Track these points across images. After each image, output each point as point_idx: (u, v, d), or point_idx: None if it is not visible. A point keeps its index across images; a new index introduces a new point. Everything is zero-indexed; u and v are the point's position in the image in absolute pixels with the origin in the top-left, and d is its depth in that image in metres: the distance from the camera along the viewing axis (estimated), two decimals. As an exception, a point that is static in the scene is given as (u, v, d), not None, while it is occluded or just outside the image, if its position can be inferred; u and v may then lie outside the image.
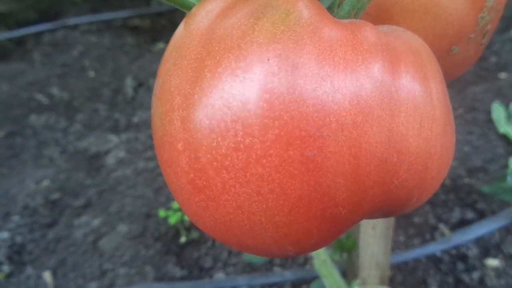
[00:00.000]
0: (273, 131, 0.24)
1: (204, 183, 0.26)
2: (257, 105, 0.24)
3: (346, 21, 0.28)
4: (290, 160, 0.24)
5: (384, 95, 0.25)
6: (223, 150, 0.24)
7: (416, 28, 0.36)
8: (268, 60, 0.24)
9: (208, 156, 0.25)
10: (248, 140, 0.24)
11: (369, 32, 0.26)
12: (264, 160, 0.24)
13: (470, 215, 1.17)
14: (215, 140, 0.24)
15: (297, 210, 0.25)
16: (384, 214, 0.31)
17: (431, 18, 0.36)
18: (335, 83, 0.24)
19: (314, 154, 0.24)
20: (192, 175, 0.26)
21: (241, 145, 0.24)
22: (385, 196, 0.27)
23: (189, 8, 0.31)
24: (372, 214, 0.29)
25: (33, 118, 1.71)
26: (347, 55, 0.25)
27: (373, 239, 0.77)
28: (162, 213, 1.16)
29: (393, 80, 0.26)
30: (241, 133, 0.24)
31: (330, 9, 0.31)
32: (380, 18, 0.36)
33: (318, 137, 0.24)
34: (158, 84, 0.29)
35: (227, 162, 0.25)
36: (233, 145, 0.24)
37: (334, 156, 0.24)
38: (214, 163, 0.25)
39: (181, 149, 0.26)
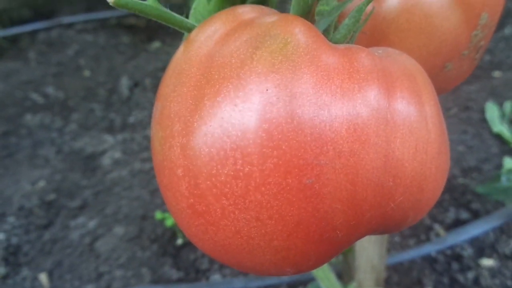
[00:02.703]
0: (272, 160, 0.24)
1: (204, 208, 0.26)
2: (256, 134, 0.24)
3: (342, 46, 0.28)
4: (288, 187, 0.24)
5: (380, 121, 0.26)
6: (222, 178, 0.25)
7: (411, 47, 0.36)
8: (267, 90, 0.24)
9: (208, 182, 0.25)
10: (247, 169, 0.24)
11: (365, 59, 0.27)
12: (263, 188, 0.24)
13: (464, 215, 1.18)
14: (215, 168, 0.25)
15: (295, 235, 0.26)
16: (380, 233, 0.31)
17: (425, 37, 0.36)
18: (332, 112, 0.25)
19: (312, 181, 0.24)
20: (191, 200, 0.26)
21: (240, 173, 0.24)
22: (381, 218, 0.28)
23: (188, 29, 0.32)
24: (368, 234, 0.30)
25: (28, 118, 1.71)
26: (344, 83, 0.25)
27: (369, 243, 0.77)
28: (158, 215, 1.17)
29: (389, 106, 0.26)
30: (240, 161, 0.24)
31: (326, 31, 0.31)
32: (375, 37, 0.37)
33: (315, 165, 0.24)
34: (158, 109, 0.29)
35: (227, 189, 0.25)
36: (232, 173, 0.25)
37: (331, 183, 0.25)
38: (214, 189, 0.25)
39: (181, 175, 0.26)
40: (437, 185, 0.29)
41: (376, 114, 0.26)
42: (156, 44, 2.20)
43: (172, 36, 2.26)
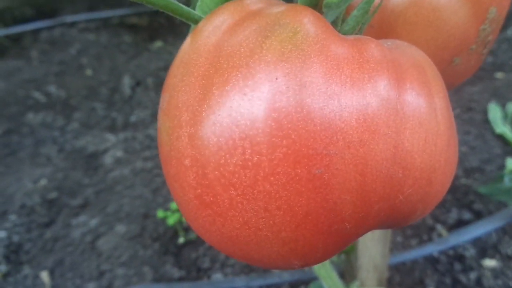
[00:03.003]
0: (281, 149, 0.24)
1: (212, 199, 0.26)
2: (265, 123, 0.24)
3: (351, 37, 0.28)
4: (297, 177, 0.24)
5: (390, 112, 0.25)
6: (231, 168, 0.25)
7: (419, 40, 0.36)
8: (277, 79, 0.24)
9: (216, 173, 0.25)
10: (256, 158, 0.24)
11: (374, 49, 0.27)
12: (272, 178, 0.24)
13: (467, 215, 1.17)
14: (223, 158, 0.25)
15: (304, 226, 0.26)
16: (388, 226, 0.31)
17: (433, 31, 0.36)
18: (342, 102, 0.24)
19: (321, 171, 0.24)
20: (199, 190, 0.26)
21: (249, 163, 0.24)
22: (390, 211, 0.28)
23: (195, 21, 0.32)
24: (377, 227, 0.29)
25: (30, 116, 1.71)
26: (353, 73, 0.25)
27: (372, 242, 0.77)
28: (160, 213, 1.16)
29: (399, 97, 0.26)
30: (249, 151, 0.24)
31: (334, 23, 0.31)
32: (383, 30, 0.37)
33: (325, 155, 0.24)
34: (165, 99, 0.29)
35: (235, 179, 0.25)
36: (241, 163, 0.24)
37: (340, 174, 0.25)
38: (222, 179, 0.25)
39: (188, 165, 0.26)
40: (445, 178, 0.29)
41: (386, 105, 0.25)
42: (158, 44, 2.20)
43: (174, 35, 2.26)
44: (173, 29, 2.32)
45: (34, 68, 2.02)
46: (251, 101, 0.24)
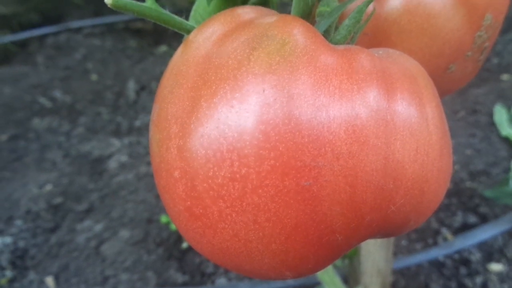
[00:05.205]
0: (269, 162, 0.24)
1: (201, 211, 0.26)
2: (253, 136, 0.24)
3: (341, 47, 0.28)
4: (286, 190, 0.24)
5: (379, 123, 0.25)
6: (219, 180, 0.25)
7: (413, 48, 0.36)
8: (264, 91, 0.24)
9: (205, 185, 0.25)
10: (244, 170, 0.24)
11: (364, 59, 0.26)
12: (260, 190, 0.24)
13: (472, 219, 1.17)
14: (211, 170, 0.25)
15: (294, 238, 0.25)
16: (381, 236, 0.31)
17: (428, 38, 0.36)
18: (330, 113, 0.24)
19: (310, 183, 0.24)
20: (189, 202, 0.26)
21: (237, 175, 0.24)
22: (382, 221, 0.27)
23: (187, 31, 0.32)
24: (369, 237, 0.29)
25: (36, 121, 1.71)
26: (342, 84, 0.25)
27: (375, 246, 0.77)
28: (163, 218, 1.17)
29: (389, 107, 0.26)
30: (237, 163, 0.24)
31: (326, 32, 0.31)
32: (377, 38, 0.36)
33: (313, 167, 0.24)
34: (155, 111, 0.29)
35: (224, 192, 0.25)
36: (229, 175, 0.24)
37: (330, 185, 0.24)
38: (211, 192, 0.25)
39: (178, 177, 0.26)
40: (439, 187, 0.29)
41: (376, 116, 0.25)
42: (163, 48, 2.21)
43: (179, 40, 2.24)
44: (178, 33, 2.31)
45: (40, 74, 2.03)
46: (239, 113, 0.24)
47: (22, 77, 2.00)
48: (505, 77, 1.73)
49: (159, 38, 2.29)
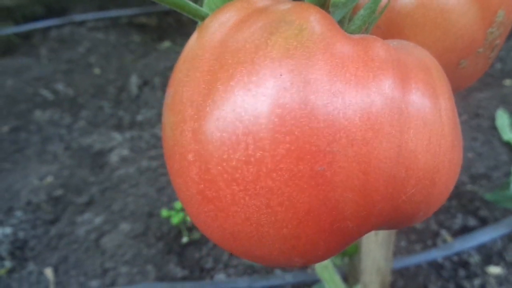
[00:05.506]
0: (284, 146, 0.24)
1: (214, 194, 0.26)
2: (269, 119, 0.24)
3: (357, 36, 0.28)
4: (300, 174, 0.24)
5: (394, 111, 0.25)
6: (233, 163, 0.25)
7: (426, 42, 0.36)
8: (281, 75, 0.24)
9: (219, 168, 0.25)
10: (258, 154, 0.24)
11: (380, 48, 0.27)
12: (274, 174, 0.24)
13: (472, 222, 1.17)
14: (226, 153, 0.25)
15: (305, 223, 0.25)
16: (390, 227, 0.31)
17: (441, 33, 0.36)
18: (346, 99, 0.24)
19: (324, 169, 0.24)
20: (202, 185, 0.26)
21: (252, 159, 0.24)
22: (392, 210, 0.27)
23: (202, 17, 0.32)
24: (379, 226, 0.29)
25: (38, 114, 1.72)
26: (358, 72, 0.25)
27: (375, 245, 0.77)
28: (164, 212, 1.17)
29: (403, 96, 0.26)
30: (252, 146, 0.24)
31: (340, 22, 0.31)
32: (390, 31, 0.37)
33: (328, 152, 0.24)
34: (170, 94, 0.29)
35: (237, 175, 0.25)
36: (243, 158, 0.24)
37: (343, 171, 0.25)
38: (225, 175, 0.25)
39: (191, 159, 0.26)
40: (449, 179, 0.29)
41: (390, 104, 0.25)
42: (166, 44, 2.21)
43: (182, 35, 2.27)
44: (181, 29, 2.33)
45: (42, 66, 2.03)
46: (255, 97, 0.24)
47: (25, 69, 2.00)
48: (507, 82, 1.73)
49: (162, 34, 2.29)
